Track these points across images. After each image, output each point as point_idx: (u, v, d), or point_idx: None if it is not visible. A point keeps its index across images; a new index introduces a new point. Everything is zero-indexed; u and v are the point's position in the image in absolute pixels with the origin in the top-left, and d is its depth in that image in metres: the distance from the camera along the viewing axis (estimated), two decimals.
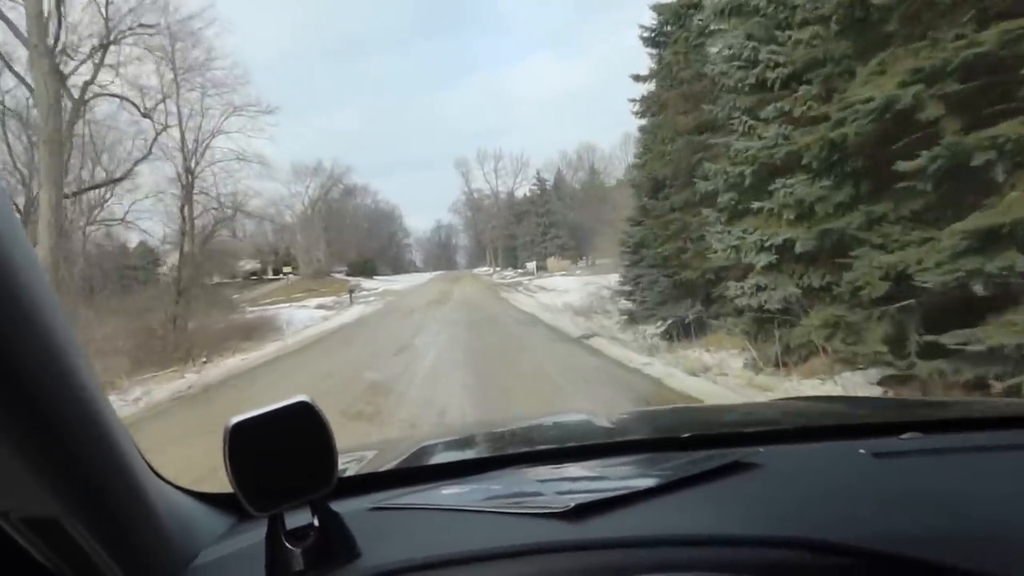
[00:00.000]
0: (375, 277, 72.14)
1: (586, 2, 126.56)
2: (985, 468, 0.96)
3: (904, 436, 1.09)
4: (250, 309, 38.30)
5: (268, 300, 51.95)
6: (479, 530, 0.84)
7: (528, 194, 67.70)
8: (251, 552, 0.79)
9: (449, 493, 1.00)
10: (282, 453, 0.70)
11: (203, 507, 0.96)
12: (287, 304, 43.56)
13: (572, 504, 0.82)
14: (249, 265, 73.68)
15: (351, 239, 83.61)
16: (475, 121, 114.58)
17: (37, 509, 0.63)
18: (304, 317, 29.45)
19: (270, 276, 73.18)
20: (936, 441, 1.07)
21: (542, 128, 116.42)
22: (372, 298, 42.64)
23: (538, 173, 66.56)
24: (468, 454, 1.49)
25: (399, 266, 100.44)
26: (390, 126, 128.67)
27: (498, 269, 75.11)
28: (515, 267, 68.06)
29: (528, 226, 63.62)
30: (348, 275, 71.14)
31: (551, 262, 52.07)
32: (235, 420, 0.69)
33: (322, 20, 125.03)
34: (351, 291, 39.71)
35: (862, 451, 1.01)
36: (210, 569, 0.82)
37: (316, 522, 0.75)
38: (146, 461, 0.78)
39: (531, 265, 54.33)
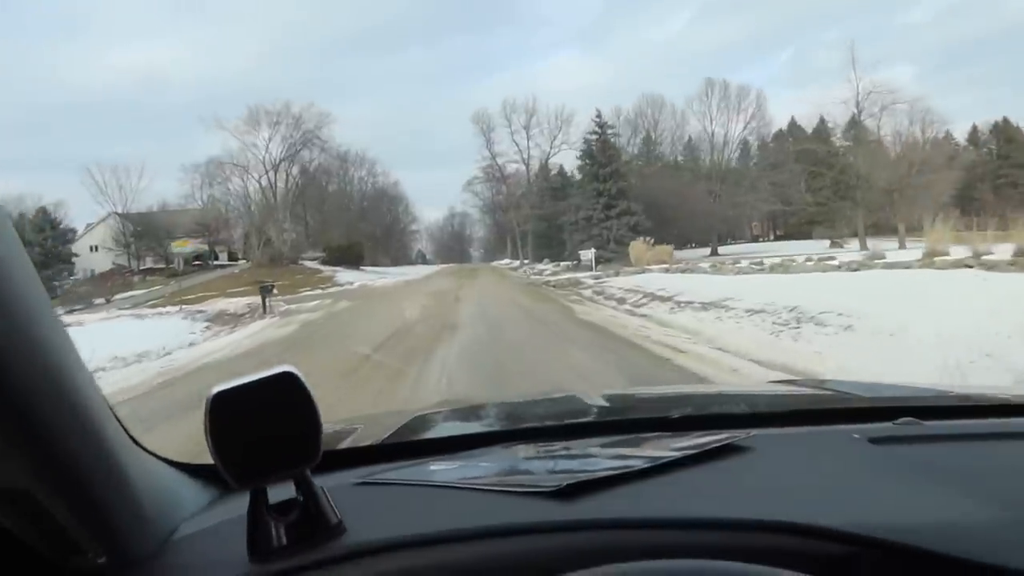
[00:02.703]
0: (363, 268, 53.01)
1: (611, 3, 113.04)
2: (981, 456, 0.96)
3: (899, 421, 1.07)
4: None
5: (192, 297, 34.24)
6: (467, 508, 0.83)
7: (582, 151, 46.31)
8: (233, 526, 0.77)
9: (437, 469, 0.99)
10: (265, 425, 0.67)
11: (184, 478, 0.93)
12: (176, 308, 25.25)
13: (564, 484, 0.81)
14: (190, 246, 55.24)
15: (337, 218, 64.83)
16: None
17: (8, 480, 0.60)
18: None
19: (223, 261, 54.73)
20: (932, 428, 1.06)
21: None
22: (317, 302, 23.64)
23: (598, 114, 45.15)
24: (456, 429, 1.47)
25: (402, 256, 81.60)
26: (410, 118, 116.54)
27: (526, 261, 55.76)
28: (555, 259, 48.65)
29: (582, 197, 43.37)
30: (324, 263, 52.34)
31: (638, 248, 31.87)
32: (217, 389, 0.66)
33: (347, 8, 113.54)
34: (264, 291, 20.63)
35: (856, 436, 1.00)
36: (191, 542, 0.80)
37: (300, 497, 0.73)
38: (125, 429, 0.76)
39: (588, 254, 35.03)
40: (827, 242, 47.87)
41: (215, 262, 53.11)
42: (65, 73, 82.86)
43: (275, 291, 21.46)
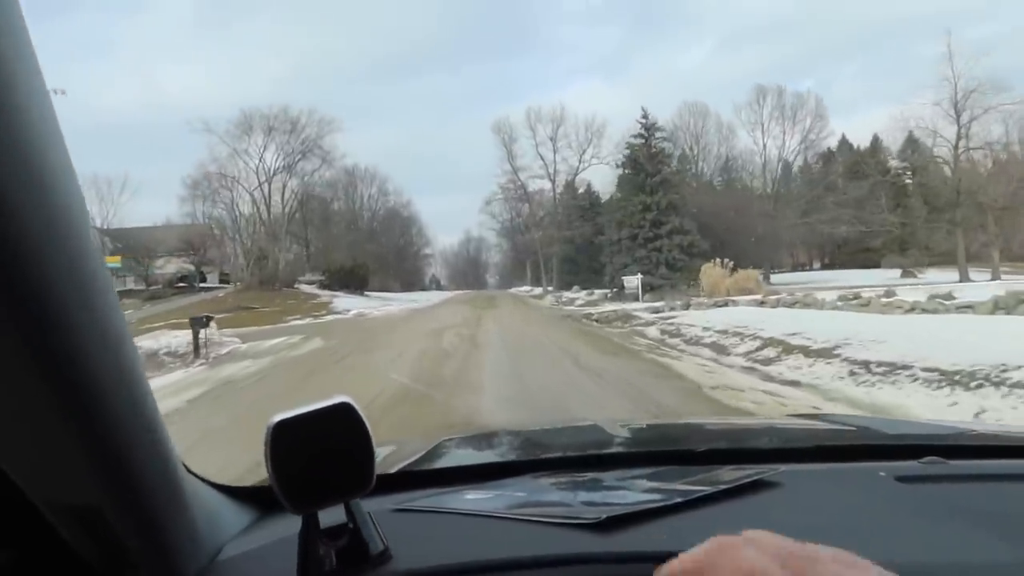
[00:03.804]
0: (367, 293, 46.97)
1: (635, 30, 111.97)
2: (1007, 496, 0.96)
3: (924, 460, 1.07)
4: None
5: (157, 325, 28.19)
6: (508, 538, 0.84)
7: (625, 157, 38.07)
8: (276, 548, 0.81)
9: (472, 498, 1.00)
10: (322, 452, 0.70)
11: (226, 500, 0.96)
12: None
13: (603, 516, 0.83)
14: (172, 265, 49.48)
15: (342, 238, 58.96)
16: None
17: (81, 497, 0.64)
18: None
19: (212, 283, 48.95)
20: (957, 467, 1.06)
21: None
22: (282, 339, 17.44)
23: (644, 115, 36.87)
24: (487, 457, 1.49)
25: (414, 281, 75.58)
26: (428, 143, 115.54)
27: (550, 288, 49.53)
28: (587, 285, 42.28)
29: (624, 213, 35.39)
30: (323, 287, 46.36)
31: (713, 274, 24.33)
32: (278, 418, 0.68)
33: (370, 35, 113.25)
34: (196, 325, 14.37)
35: (882, 474, 1.01)
36: (236, 563, 0.82)
37: (350, 523, 0.75)
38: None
39: (633, 281, 28.77)
40: (895, 271, 41.48)
41: (201, 284, 47.28)
42: (79, 92, 79.28)
43: (212, 324, 15.35)
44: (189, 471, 0.82)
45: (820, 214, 42.53)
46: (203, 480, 0.89)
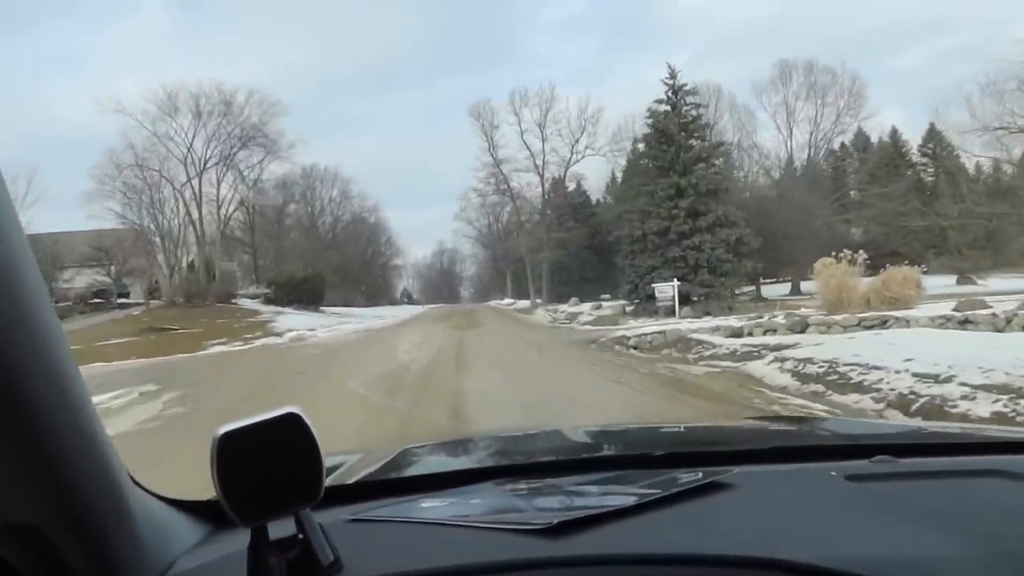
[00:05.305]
0: (323, 308, 39.30)
1: (609, 44, 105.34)
2: (954, 492, 0.97)
3: (875, 459, 1.09)
4: None
5: None
6: (461, 545, 0.85)
7: (650, 126, 29.27)
8: (227, 561, 0.80)
9: (428, 506, 1.01)
10: (269, 464, 0.70)
11: (178, 514, 0.95)
12: None
13: (555, 521, 0.84)
14: (84, 278, 41.37)
15: (297, 246, 51.44)
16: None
17: (19, 516, 0.63)
18: None
19: (137, 299, 41.02)
20: (907, 465, 1.08)
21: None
22: (98, 400, 9.83)
23: (671, 74, 28.64)
24: (445, 465, 1.53)
25: (383, 294, 67.79)
26: (400, 155, 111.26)
27: (539, 301, 42.31)
28: (587, 297, 35.25)
29: (649, 201, 26.99)
30: (270, 301, 38.69)
31: (836, 275, 15.17)
32: (223, 429, 0.68)
33: (346, 51, 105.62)
34: None
35: (833, 473, 1.03)
36: None
37: (299, 534, 0.75)
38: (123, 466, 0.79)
39: (667, 290, 21.73)
40: (945, 277, 34.94)
41: (121, 299, 39.18)
42: (54, 106, 73.04)
43: None
44: (137, 484, 0.80)
45: (862, 210, 35.86)
46: (152, 494, 0.87)
